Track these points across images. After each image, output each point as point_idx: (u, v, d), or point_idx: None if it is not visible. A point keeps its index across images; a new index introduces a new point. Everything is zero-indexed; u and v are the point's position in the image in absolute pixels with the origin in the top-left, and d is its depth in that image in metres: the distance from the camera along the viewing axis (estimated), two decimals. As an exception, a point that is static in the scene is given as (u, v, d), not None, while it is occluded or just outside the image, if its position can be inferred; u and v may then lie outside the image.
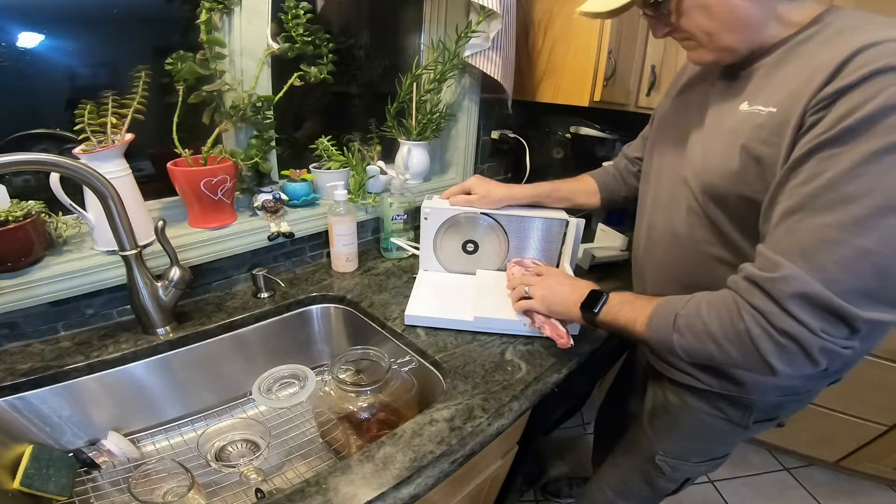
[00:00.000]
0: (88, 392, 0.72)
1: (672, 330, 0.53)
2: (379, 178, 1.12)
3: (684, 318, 0.52)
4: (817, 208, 0.43)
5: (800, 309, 0.43)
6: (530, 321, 0.76)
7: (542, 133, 1.42)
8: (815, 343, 0.44)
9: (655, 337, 0.56)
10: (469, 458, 0.59)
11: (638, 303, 0.60)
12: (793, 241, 0.45)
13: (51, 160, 0.58)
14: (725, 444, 0.77)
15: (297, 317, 0.93)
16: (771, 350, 0.46)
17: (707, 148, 0.59)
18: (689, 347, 0.53)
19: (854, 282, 0.42)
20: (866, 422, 1.40)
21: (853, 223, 0.41)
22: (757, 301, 0.46)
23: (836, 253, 0.42)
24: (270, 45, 0.88)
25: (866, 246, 0.41)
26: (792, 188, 0.46)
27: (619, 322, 0.61)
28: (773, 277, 0.45)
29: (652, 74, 1.25)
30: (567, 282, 0.73)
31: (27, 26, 0.72)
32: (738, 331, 0.47)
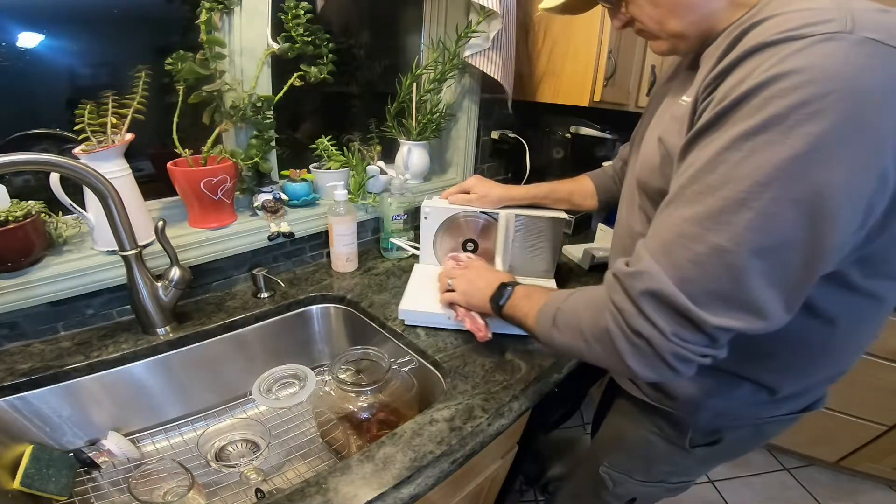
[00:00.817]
0: (88, 392, 0.72)
1: (552, 325, 0.51)
2: (379, 178, 1.12)
3: (563, 314, 0.50)
4: (683, 201, 0.41)
5: (650, 308, 0.40)
6: (455, 314, 0.77)
7: (542, 133, 1.42)
8: (666, 347, 0.41)
9: (541, 332, 0.54)
10: (469, 458, 0.59)
11: (535, 296, 0.58)
12: (658, 236, 0.42)
13: (51, 160, 0.58)
14: (673, 465, 0.71)
15: (297, 317, 0.93)
16: (627, 350, 0.43)
17: (644, 144, 0.59)
18: (566, 344, 0.51)
19: (708, 283, 0.38)
20: (866, 422, 1.40)
21: (709, 217, 0.38)
22: (616, 298, 0.43)
23: (692, 250, 0.39)
24: (270, 45, 0.88)
25: (720, 244, 0.37)
26: (674, 180, 0.44)
27: (517, 317, 0.59)
28: (630, 273, 0.42)
29: (652, 74, 1.25)
30: (485, 275, 0.71)
31: (27, 26, 0.72)
32: (601, 328, 0.45)
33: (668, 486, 0.75)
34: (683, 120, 0.46)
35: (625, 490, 0.77)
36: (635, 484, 0.75)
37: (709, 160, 0.39)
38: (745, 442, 0.67)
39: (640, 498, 0.78)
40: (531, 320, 0.56)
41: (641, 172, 0.57)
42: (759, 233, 0.36)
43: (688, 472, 0.73)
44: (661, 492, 0.76)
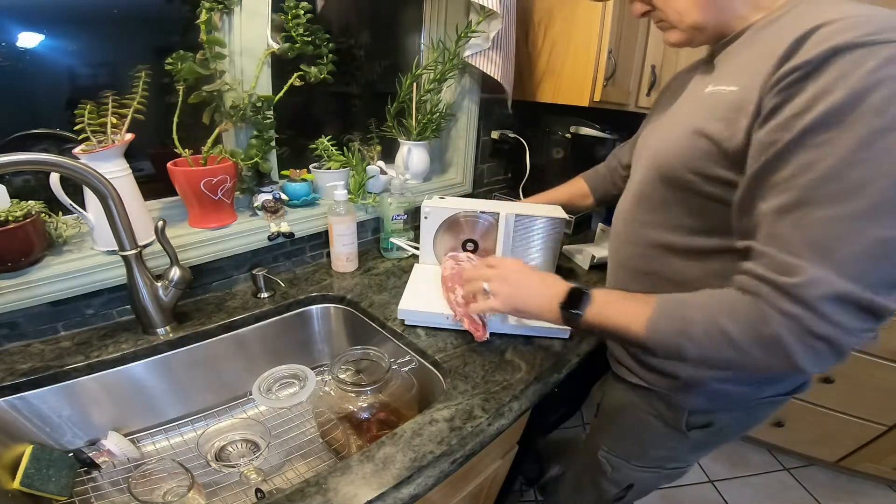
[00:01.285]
0: (88, 392, 0.72)
1: (683, 336, 0.50)
2: (379, 178, 1.12)
3: (696, 326, 0.49)
4: (822, 201, 0.40)
5: (834, 311, 0.41)
6: (454, 314, 0.78)
7: (542, 133, 1.42)
8: (849, 343, 0.42)
9: (660, 342, 0.52)
10: (469, 458, 0.59)
11: (629, 304, 0.56)
12: (804, 239, 0.42)
13: (51, 160, 0.58)
14: (669, 450, 0.73)
15: (297, 317, 0.93)
16: (803, 353, 0.43)
17: (665, 130, 0.60)
18: (703, 354, 0.49)
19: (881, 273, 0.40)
20: (866, 422, 1.40)
21: (865, 213, 0.39)
22: (788, 307, 0.42)
23: (855, 245, 0.40)
24: (270, 45, 0.88)
25: (881, 234, 0.39)
26: (783, 180, 0.43)
27: (610, 325, 0.57)
28: (799, 283, 0.41)
29: (652, 74, 1.25)
30: (534, 277, 0.66)
31: (27, 26, 0.72)
32: (766, 336, 0.44)
33: (664, 473, 0.76)
34: (732, 107, 0.48)
35: (622, 475, 0.78)
36: (633, 469, 0.76)
37: (844, 159, 0.39)
38: (737, 425, 0.69)
39: (637, 484, 0.79)
40: (638, 328, 0.53)
41: (667, 162, 0.57)
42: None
43: (683, 457, 0.75)
44: (658, 478, 0.77)
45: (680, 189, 0.56)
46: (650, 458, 0.75)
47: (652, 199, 0.61)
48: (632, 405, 0.73)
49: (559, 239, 0.95)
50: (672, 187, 0.57)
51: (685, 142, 0.53)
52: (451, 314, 0.79)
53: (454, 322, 0.79)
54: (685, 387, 0.65)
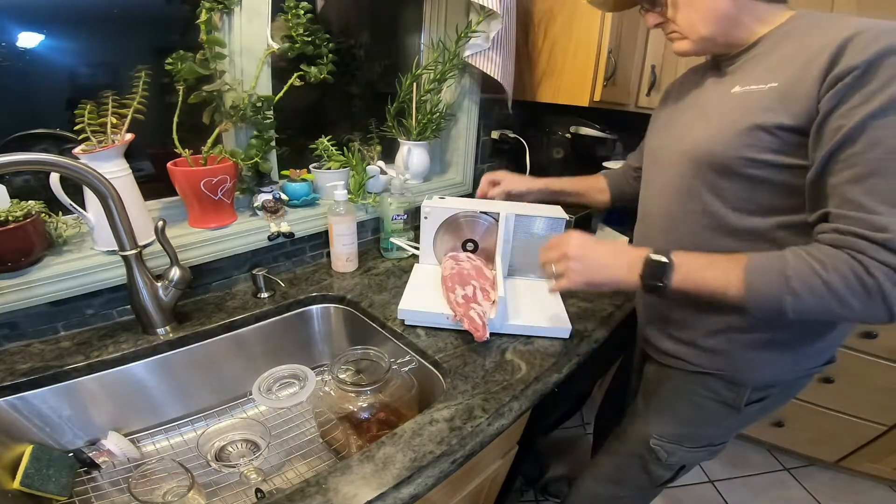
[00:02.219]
0: (88, 392, 0.72)
1: (785, 291, 0.53)
2: (379, 178, 1.12)
3: (798, 279, 0.52)
4: (890, 171, 0.48)
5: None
6: (453, 315, 0.79)
7: (542, 133, 1.42)
8: None
9: (761, 300, 0.54)
10: (469, 458, 0.59)
11: (718, 267, 0.58)
12: (882, 200, 0.48)
13: (51, 160, 0.58)
14: (721, 428, 0.78)
15: (297, 317, 0.93)
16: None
17: (706, 122, 0.64)
18: (805, 306, 0.53)
19: None
20: (866, 422, 1.40)
21: None
22: (885, 256, 0.48)
23: None
24: (270, 45, 0.88)
25: None
26: (852, 156, 0.49)
27: (703, 291, 0.58)
28: (890, 238, 0.47)
29: (652, 74, 1.25)
30: (602, 249, 0.66)
31: (27, 26, 0.72)
32: (868, 286, 0.49)
33: (713, 450, 0.80)
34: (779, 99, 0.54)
35: (676, 459, 0.80)
36: (686, 451, 0.79)
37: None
38: (785, 396, 0.74)
39: (688, 465, 0.82)
40: (735, 291, 0.56)
41: (708, 145, 0.61)
42: None
43: (731, 432, 0.79)
44: (706, 455, 0.81)
45: (727, 176, 0.60)
46: (703, 437, 0.78)
47: (693, 190, 0.65)
48: (687, 391, 0.75)
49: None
50: (720, 175, 0.61)
51: (735, 134, 0.58)
52: (451, 314, 0.80)
53: (454, 322, 0.79)
54: (747, 366, 0.69)
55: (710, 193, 0.63)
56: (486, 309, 0.80)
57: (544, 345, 0.80)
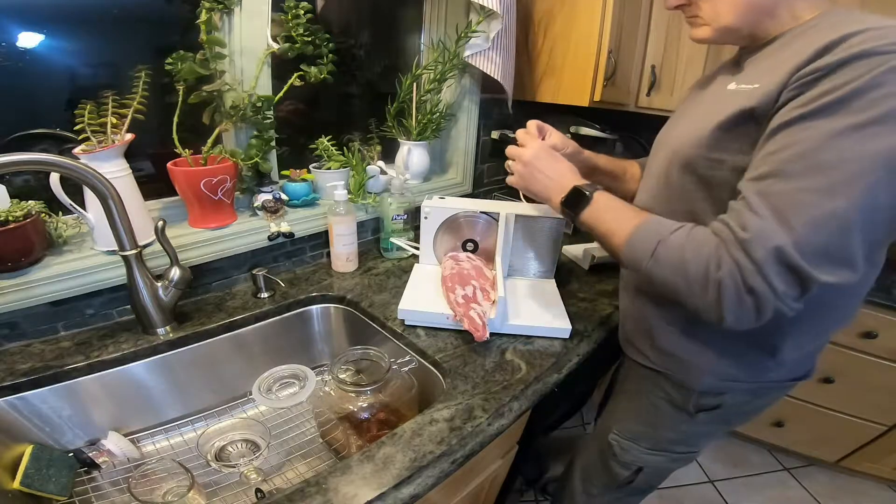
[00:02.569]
0: (88, 392, 0.72)
1: (650, 255, 0.54)
2: (379, 178, 1.12)
3: (665, 248, 0.53)
4: (791, 174, 0.45)
5: (772, 268, 0.45)
6: (453, 315, 0.79)
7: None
8: (772, 304, 0.47)
9: (631, 256, 0.57)
10: (469, 458, 0.59)
11: (623, 213, 0.60)
12: (767, 203, 0.46)
13: (51, 160, 0.58)
14: (676, 433, 0.75)
15: (297, 317, 0.93)
16: (732, 302, 0.48)
17: (683, 126, 0.63)
18: (660, 276, 0.54)
19: (820, 242, 0.44)
20: (866, 422, 1.40)
21: (827, 189, 0.44)
22: (738, 255, 0.47)
23: (810, 215, 0.44)
24: (270, 45, 0.88)
25: (836, 208, 0.43)
26: (765, 155, 0.48)
27: (600, 229, 0.62)
28: (748, 238, 0.46)
29: (652, 74, 1.25)
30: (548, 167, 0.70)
31: (27, 26, 0.72)
32: (712, 278, 0.49)
33: (672, 457, 0.78)
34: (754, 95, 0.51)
35: (632, 457, 0.80)
36: (641, 451, 0.78)
37: (822, 141, 0.44)
38: (744, 410, 0.71)
39: (646, 468, 0.81)
40: (619, 240, 0.58)
41: (682, 146, 0.60)
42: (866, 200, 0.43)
43: (691, 441, 0.77)
44: (667, 462, 0.79)
45: (697, 177, 0.59)
46: (659, 440, 0.77)
47: (670, 188, 0.63)
48: (643, 388, 0.76)
49: (559, 239, 0.95)
50: (690, 175, 0.60)
51: (704, 132, 0.56)
52: (451, 314, 0.80)
53: (454, 322, 0.79)
54: (695, 369, 0.67)
55: (683, 194, 0.62)
56: (486, 309, 0.80)
57: (544, 345, 0.80)
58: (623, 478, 0.83)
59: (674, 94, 1.26)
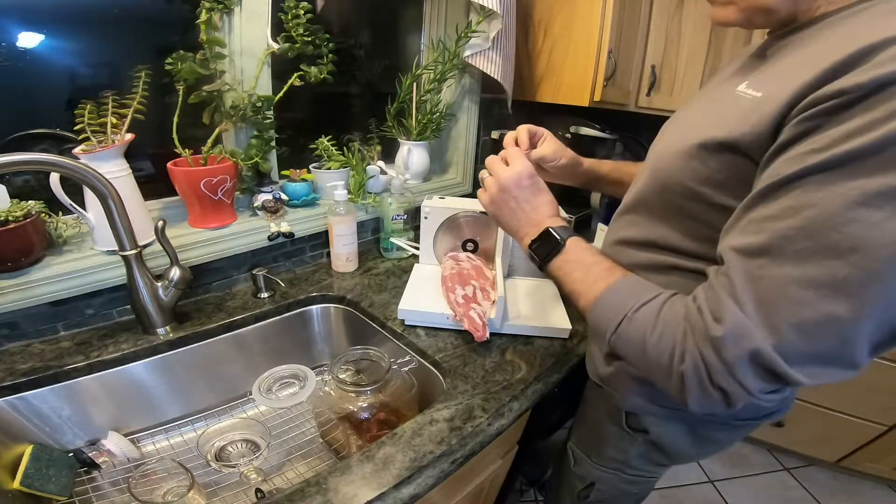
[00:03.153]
0: (88, 392, 0.72)
1: (613, 330, 0.47)
2: (379, 178, 1.12)
3: (629, 326, 0.46)
4: (788, 255, 0.35)
5: (743, 371, 0.37)
6: (453, 315, 0.78)
7: (542, 133, 1.41)
8: (744, 400, 0.39)
9: (595, 324, 0.50)
10: (469, 458, 0.59)
11: (593, 270, 0.52)
12: (754, 290, 0.37)
13: (51, 160, 0.58)
14: (619, 451, 0.70)
15: (297, 317, 0.93)
16: (697, 396, 0.41)
17: (672, 134, 0.55)
18: (623, 353, 0.48)
19: (810, 348, 0.35)
20: (866, 422, 1.40)
21: (829, 285, 0.33)
22: (706, 352, 0.39)
23: (799, 315, 0.35)
24: (270, 45, 0.88)
25: (836, 314, 0.34)
26: (762, 219, 0.37)
27: (566, 287, 0.54)
28: (721, 336, 0.38)
29: (652, 74, 1.25)
30: (523, 199, 0.61)
31: (27, 26, 0.72)
32: (675, 370, 0.42)
33: (624, 478, 0.73)
34: (758, 113, 0.40)
35: (584, 471, 0.77)
36: (591, 466, 0.75)
37: (832, 213, 0.32)
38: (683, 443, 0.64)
39: (598, 483, 0.76)
40: (585, 304, 0.51)
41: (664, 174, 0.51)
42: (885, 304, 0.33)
43: (638, 465, 0.70)
44: (618, 482, 0.74)
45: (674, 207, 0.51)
46: (606, 457, 0.72)
47: (648, 208, 0.56)
48: (592, 400, 0.73)
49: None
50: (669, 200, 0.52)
51: (685, 148, 0.48)
52: (451, 314, 0.79)
53: (454, 322, 0.79)
54: (620, 387, 0.62)
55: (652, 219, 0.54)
56: (486, 309, 0.80)
57: (544, 345, 0.80)
58: (578, 490, 0.80)
59: (673, 95, 1.26)
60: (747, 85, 0.45)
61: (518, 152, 0.65)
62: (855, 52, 0.33)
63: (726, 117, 0.44)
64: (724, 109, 0.46)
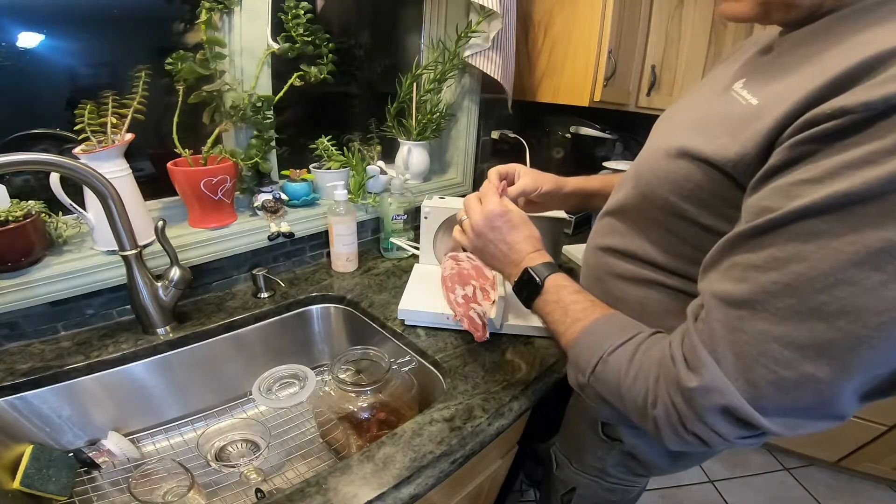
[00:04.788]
0: (88, 392, 0.72)
1: (591, 371, 0.46)
2: (379, 178, 1.12)
3: (604, 367, 0.45)
4: (770, 311, 0.32)
5: (716, 421, 0.36)
6: (453, 315, 0.78)
7: (542, 133, 1.42)
8: (720, 444, 0.38)
9: (575, 363, 0.50)
10: (469, 458, 0.59)
11: (571, 312, 0.51)
12: (733, 343, 0.35)
13: (51, 160, 0.58)
14: (598, 459, 0.69)
15: (297, 317, 0.93)
16: (673, 438, 0.40)
17: (663, 130, 0.52)
18: (601, 391, 0.47)
19: (787, 403, 0.34)
20: (866, 422, 1.40)
21: (811, 347, 0.31)
22: (677, 400, 0.38)
23: (778, 374, 0.33)
24: (270, 45, 0.88)
25: (817, 375, 0.31)
26: (746, 265, 0.34)
27: (547, 325, 0.55)
28: (693, 388, 0.36)
29: (652, 74, 1.25)
30: (503, 237, 0.60)
31: (27, 26, 0.72)
32: (649, 414, 0.41)
33: (603, 485, 0.72)
34: (751, 125, 0.36)
35: (565, 475, 0.77)
36: (572, 471, 0.75)
37: (822, 273, 0.29)
38: (657, 453, 0.63)
39: (579, 489, 0.75)
40: (565, 343, 0.51)
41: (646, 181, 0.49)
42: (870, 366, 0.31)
43: (615, 472, 0.69)
44: (597, 489, 0.73)
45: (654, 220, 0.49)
46: (586, 464, 0.72)
47: (630, 217, 0.54)
48: (574, 405, 0.74)
49: (559, 239, 0.95)
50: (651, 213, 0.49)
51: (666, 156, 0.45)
52: (451, 314, 0.79)
53: (454, 322, 0.79)
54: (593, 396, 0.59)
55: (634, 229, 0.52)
56: (486, 309, 0.79)
57: (544, 345, 0.80)
58: (560, 493, 0.80)
59: (673, 95, 1.26)
60: (744, 84, 0.42)
61: (489, 190, 0.64)
62: (865, 59, 0.29)
63: (716, 125, 0.42)
64: (715, 113, 0.43)
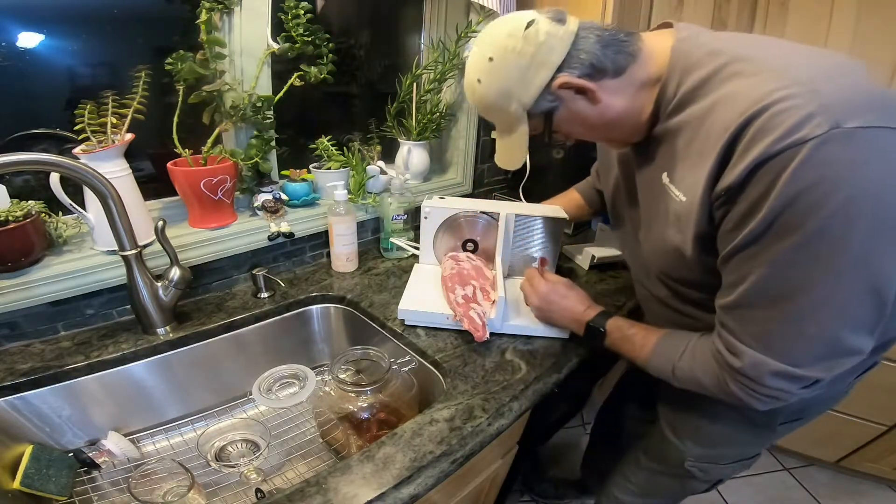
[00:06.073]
0: (88, 392, 0.72)
1: (671, 374, 0.62)
2: (379, 178, 1.12)
3: (681, 372, 0.60)
4: (759, 307, 0.48)
5: (773, 382, 0.50)
6: (453, 315, 0.79)
7: (541, 133, 1.41)
8: (792, 396, 0.51)
9: (657, 374, 0.65)
10: (469, 458, 0.59)
11: (636, 342, 0.67)
12: (748, 331, 0.50)
13: (51, 160, 0.58)
14: (755, 445, 0.78)
15: (297, 317, 0.93)
16: (758, 403, 0.53)
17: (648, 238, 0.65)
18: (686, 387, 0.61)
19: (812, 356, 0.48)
20: (866, 422, 1.40)
21: (794, 316, 0.46)
22: (740, 379, 0.52)
23: (786, 338, 0.48)
24: (270, 45, 0.88)
25: (809, 332, 0.46)
26: (729, 284, 0.51)
27: (622, 355, 0.71)
28: (742, 367, 0.51)
29: (652, 74, 1.25)
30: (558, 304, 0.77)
31: (27, 26, 0.72)
32: (728, 392, 0.54)
33: (745, 463, 0.81)
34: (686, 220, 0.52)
35: (713, 475, 0.83)
36: (722, 468, 0.80)
37: (771, 271, 0.45)
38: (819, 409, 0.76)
39: (724, 478, 0.85)
40: (642, 364, 0.66)
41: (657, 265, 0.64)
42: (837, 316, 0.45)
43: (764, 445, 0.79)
44: (740, 468, 0.82)
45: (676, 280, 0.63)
46: (737, 455, 0.79)
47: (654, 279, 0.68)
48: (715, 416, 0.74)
49: (559, 239, 0.95)
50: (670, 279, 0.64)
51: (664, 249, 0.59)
52: (451, 314, 0.79)
53: (454, 322, 0.79)
54: None
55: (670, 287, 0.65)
56: (486, 309, 0.80)
57: (544, 345, 0.80)
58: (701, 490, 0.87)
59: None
60: (668, 177, 0.56)
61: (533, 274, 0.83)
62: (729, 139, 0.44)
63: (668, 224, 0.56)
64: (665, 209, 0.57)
